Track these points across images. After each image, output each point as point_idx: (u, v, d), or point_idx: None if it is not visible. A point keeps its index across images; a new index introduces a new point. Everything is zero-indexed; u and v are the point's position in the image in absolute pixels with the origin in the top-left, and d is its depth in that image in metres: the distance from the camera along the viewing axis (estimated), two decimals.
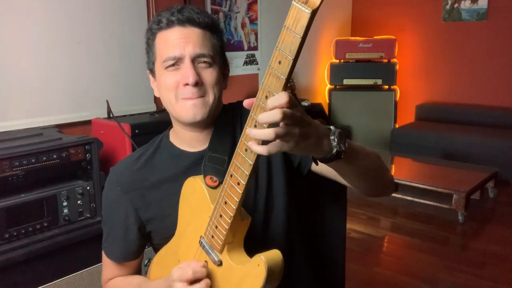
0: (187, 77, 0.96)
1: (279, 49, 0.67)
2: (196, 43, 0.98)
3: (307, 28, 0.64)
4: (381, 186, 1.02)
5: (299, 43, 0.65)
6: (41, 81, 2.41)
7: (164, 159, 1.09)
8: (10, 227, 1.67)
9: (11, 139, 1.88)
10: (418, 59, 4.92)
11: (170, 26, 0.99)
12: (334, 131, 0.78)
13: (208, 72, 0.99)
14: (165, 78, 1.00)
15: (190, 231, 0.97)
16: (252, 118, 0.73)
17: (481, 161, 3.86)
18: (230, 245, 0.88)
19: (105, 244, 1.16)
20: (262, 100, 0.70)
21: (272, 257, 0.83)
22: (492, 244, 2.92)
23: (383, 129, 4.66)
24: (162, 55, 0.99)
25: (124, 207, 1.09)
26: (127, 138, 2.03)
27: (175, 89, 0.99)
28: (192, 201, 0.97)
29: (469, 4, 4.53)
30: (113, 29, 2.69)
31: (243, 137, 0.76)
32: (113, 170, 1.13)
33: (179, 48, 0.97)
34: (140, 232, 1.11)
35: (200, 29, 0.99)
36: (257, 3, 4.01)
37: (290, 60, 0.66)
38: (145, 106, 2.80)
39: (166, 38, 0.99)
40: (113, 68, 2.69)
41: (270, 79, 0.69)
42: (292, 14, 0.65)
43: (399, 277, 2.54)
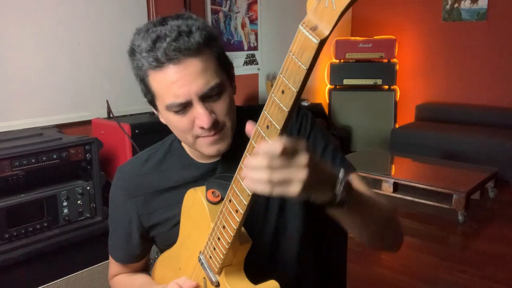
0: (202, 121, 0.86)
1: (282, 76, 0.59)
2: (199, 79, 0.84)
3: (314, 59, 0.56)
4: (385, 244, 0.96)
5: (304, 75, 0.57)
6: (41, 81, 2.41)
7: (173, 167, 1.04)
8: (10, 227, 1.67)
9: (11, 139, 1.88)
10: (418, 59, 4.92)
11: (162, 67, 0.84)
12: (341, 179, 0.71)
13: (220, 104, 0.89)
14: (174, 120, 0.90)
15: (190, 243, 0.94)
16: (251, 145, 0.66)
17: (481, 161, 3.86)
18: (228, 268, 0.84)
19: (109, 242, 1.15)
20: (263, 129, 0.63)
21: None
22: (492, 244, 2.92)
23: (383, 129, 4.66)
24: (164, 100, 0.88)
25: (127, 212, 1.06)
26: (127, 138, 2.03)
27: (190, 131, 0.90)
28: (192, 214, 0.93)
29: (469, 4, 4.53)
30: (113, 29, 2.69)
31: (242, 163, 0.69)
32: (119, 171, 1.09)
33: (182, 92, 0.84)
34: (143, 238, 1.09)
35: (197, 57, 0.84)
36: (257, 3, 4.01)
37: (294, 93, 0.58)
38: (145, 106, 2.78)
39: (162, 81, 0.86)
40: (113, 68, 2.69)
41: (272, 108, 0.62)
42: (298, 40, 0.57)
43: (399, 277, 2.54)
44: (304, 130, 0.99)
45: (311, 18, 0.57)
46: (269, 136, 0.63)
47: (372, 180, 3.58)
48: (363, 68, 4.74)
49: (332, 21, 0.55)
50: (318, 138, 1.00)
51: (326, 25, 0.55)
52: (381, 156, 4.28)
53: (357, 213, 0.79)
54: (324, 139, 1.00)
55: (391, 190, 3.47)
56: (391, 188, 3.47)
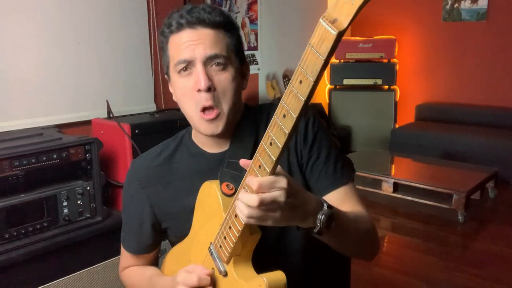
0: (199, 82, 0.93)
1: (301, 67, 0.64)
2: (207, 45, 0.94)
3: (331, 50, 0.60)
4: (360, 256, 1.04)
5: (321, 65, 0.61)
6: (41, 81, 2.41)
7: (183, 158, 1.09)
8: (10, 227, 1.67)
9: (11, 139, 1.88)
10: (418, 59, 4.92)
11: (180, 29, 0.96)
12: (324, 211, 0.79)
13: (222, 76, 0.96)
14: (179, 82, 0.98)
15: (202, 234, 0.97)
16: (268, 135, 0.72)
17: (481, 161, 3.86)
18: (237, 258, 0.87)
19: (122, 234, 1.19)
20: (280, 118, 0.68)
21: (275, 279, 0.80)
22: (492, 244, 2.92)
23: (383, 129, 4.66)
24: (174, 59, 0.97)
25: (140, 202, 1.11)
26: (127, 138, 2.03)
27: (192, 95, 0.96)
28: (206, 205, 0.96)
29: (469, 4, 4.53)
30: (113, 29, 2.69)
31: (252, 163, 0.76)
32: (134, 163, 1.15)
33: (189, 51, 0.94)
34: (155, 228, 1.13)
35: (212, 29, 0.95)
36: (257, 3, 4.01)
37: (311, 82, 0.63)
38: (145, 106, 2.80)
39: (177, 42, 0.96)
40: (113, 68, 2.69)
41: (289, 98, 0.66)
42: (318, 33, 0.61)
43: (399, 277, 2.54)
44: (311, 128, 1.03)
45: (331, 12, 0.61)
46: (285, 125, 0.67)
47: (372, 180, 3.58)
48: (363, 68, 4.75)
49: (351, 14, 0.58)
50: (324, 141, 1.04)
51: (345, 18, 0.59)
52: (381, 156, 4.28)
53: (336, 238, 0.87)
54: (329, 143, 1.05)
55: (391, 190, 3.47)
56: (391, 188, 3.47)
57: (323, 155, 1.02)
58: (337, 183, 1.01)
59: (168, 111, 2.42)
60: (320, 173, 1.02)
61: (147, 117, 2.32)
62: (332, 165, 1.02)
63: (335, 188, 1.01)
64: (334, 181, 1.01)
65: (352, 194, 1.03)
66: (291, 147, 1.02)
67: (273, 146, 0.70)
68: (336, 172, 1.02)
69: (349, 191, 1.02)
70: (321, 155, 1.02)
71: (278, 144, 0.69)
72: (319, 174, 1.02)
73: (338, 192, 1.01)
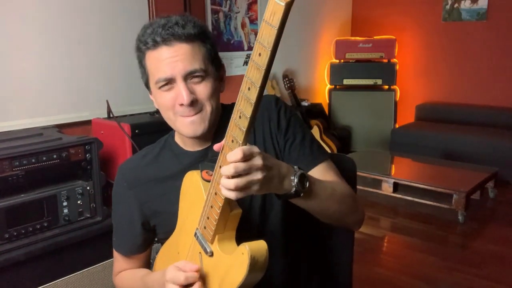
0: (182, 98, 0.98)
1: (259, 42, 0.71)
2: (185, 60, 0.98)
3: (282, 20, 0.67)
4: (342, 224, 1.08)
5: (275, 35, 0.68)
6: (41, 81, 2.41)
7: (167, 158, 1.14)
8: (10, 227, 1.67)
9: (11, 139, 1.88)
10: (418, 59, 4.92)
11: (156, 47, 0.99)
12: (295, 171, 0.85)
13: (202, 86, 1.00)
14: (160, 97, 1.02)
15: (188, 224, 1.00)
16: (236, 111, 0.77)
17: (481, 161, 3.86)
18: (221, 236, 0.91)
19: (114, 238, 1.23)
20: (245, 91, 0.75)
21: (257, 246, 0.84)
22: (492, 244, 2.92)
23: (383, 129, 4.66)
24: (154, 76, 1.01)
25: (129, 203, 1.15)
26: (127, 138, 2.03)
27: (172, 108, 1.01)
28: (190, 195, 1.00)
29: (469, 4, 4.53)
30: (113, 29, 2.69)
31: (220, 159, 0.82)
32: (121, 167, 1.18)
33: (169, 69, 0.98)
34: (145, 227, 1.16)
35: (187, 44, 0.98)
36: (257, 3, 4.01)
37: (268, 52, 0.69)
38: (145, 106, 2.80)
39: (155, 59, 1.00)
40: (113, 68, 2.69)
41: (252, 71, 0.73)
42: (269, 8, 0.68)
43: (399, 277, 2.54)
44: (284, 116, 1.09)
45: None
46: (250, 96, 0.74)
47: (372, 180, 3.58)
48: (363, 68, 4.74)
49: None
50: (297, 126, 1.10)
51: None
52: (381, 156, 4.28)
53: (314, 201, 0.91)
54: (302, 128, 1.11)
55: (391, 190, 3.47)
56: (391, 188, 3.47)
57: (298, 138, 1.08)
58: (315, 161, 1.06)
59: None
60: (298, 154, 1.07)
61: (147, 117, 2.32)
62: (308, 146, 1.08)
63: (314, 165, 1.06)
64: (312, 160, 1.06)
65: (330, 169, 1.08)
66: (266, 135, 1.08)
67: (242, 119, 0.76)
68: (313, 152, 1.07)
69: (327, 167, 1.08)
70: (297, 138, 1.08)
71: (246, 115, 0.75)
72: (297, 155, 1.07)
73: (317, 169, 1.06)
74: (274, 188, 0.83)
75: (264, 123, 1.08)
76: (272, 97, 1.11)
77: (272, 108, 1.09)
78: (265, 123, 1.08)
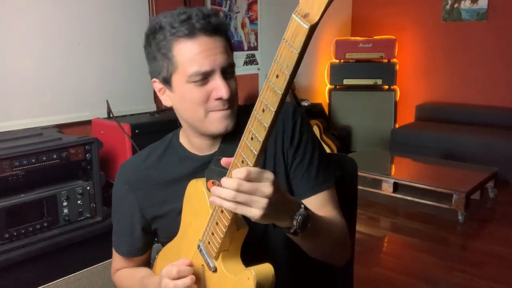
0: (221, 91, 0.92)
1: (277, 62, 0.65)
2: (225, 53, 0.93)
3: (305, 43, 0.61)
4: (331, 260, 1.03)
5: (296, 59, 0.63)
6: (41, 81, 2.41)
7: (172, 161, 1.08)
8: (10, 227, 1.67)
9: (11, 139, 1.88)
10: (418, 59, 4.92)
11: (193, 35, 0.90)
12: (301, 213, 0.81)
13: (233, 81, 0.97)
14: (191, 92, 0.94)
15: (191, 232, 0.97)
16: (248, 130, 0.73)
17: (481, 161, 3.86)
18: (225, 253, 0.88)
19: (113, 237, 1.19)
20: (259, 113, 0.69)
21: (263, 271, 0.81)
22: (492, 244, 2.92)
23: (383, 129, 4.66)
24: (187, 68, 0.92)
25: (129, 206, 1.11)
26: (127, 138, 2.03)
27: (205, 103, 0.94)
28: (193, 203, 0.97)
29: (469, 4, 4.53)
30: (113, 29, 2.69)
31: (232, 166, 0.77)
32: (122, 167, 1.14)
33: (209, 62, 0.91)
34: (145, 230, 1.12)
35: (222, 36, 0.94)
36: (257, 3, 4.01)
37: (287, 76, 0.64)
38: (145, 106, 2.80)
39: (191, 48, 0.91)
40: (113, 68, 2.69)
41: (267, 93, 0.68)
42: (291, 27, 0.62)
43: (399, 277, 2.54)
44: (298, 131, 1.04)
45: (303, 7, 0.61)
46: (264, 120, 0.68)
47: (372, 180, 3.58)
48: (363, 68, 4.74)
49: (321, 8, 0.60)
50: (309, 143, 1.04)
51: (316, 12, 0.60)
52: (381, 156, 4.28)
53: (310, 239, 0.88)
54: (313, 145, 1.05)
55: (391, 190, 3.47)
56: (391, 188, 3.47)
57: (307, 158, 1.03)
58: (317, 189, 1.02)
59: (168, 111, 2.42)
60: (303, 176, 1.03)
61: (147, 117, 2.32)
62: (314, 169, 1.03)
63: (315, 193, 1.02)
64: (315, 186, 1.02)
65: (330, 201, 1.04)
66: (278, 147, 1.03)
67: (254, 141, 0.71)
68: (317, 177, 1.03)
69: (328, 197, 1.03)
70: (305, 157, 1.03)
71: (259, 138, 0.70)
72: (301, 177, 1.03)
73: (317, 198, 1.02)
74: (275, 220, 0.80)
75: (277, 134, 1.03)
76: (291, 106, 1.04)
77: (289, 119, 1.03)
78: (278, 134, 1.03)
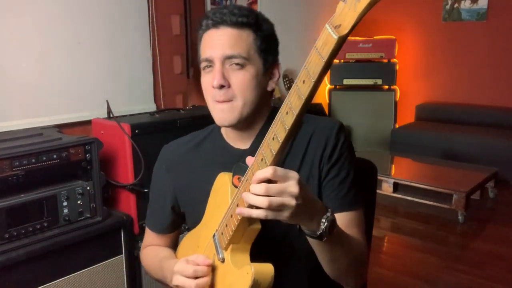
0: (213, 79, 0.99)
1: (306, 68, 0.68)
2: (226, 45, 0.99)
3: (332, 53, 0.64)
4: (345, 281, 1.02)
5: (322, 66, 0.65)
6: (41, 81, 2.41)
7: (208, 148, 1.15)
8: (10, 227, 1.67)
9: (11, 139, 1.87)
10: (418, 59, 4.92)
11: (207, 29, 1.03)
12: (328, 216, 0.82)
13: (239, 74, 1.00)
14: (202, 78, 1.05)
15: (212, 223, 1.01)
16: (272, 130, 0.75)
17: (481, 161, 3.86)
18: (235, 246, 0.91)
19: (147, 212, 1.27)
20: (283, 115, 0.73)
21: (263, 270, 0.83)
22: (492, 244, 2.92)
23: (383, 129, 4.66)
24: (201, 56, 1.05)
25: (164, 184, 1.19)
26: (127, 138, 2.02)
27: (209, 91, 1.03)
28: (218, 195, 1.01)
29: (469, 4, 4.53)
30: (113, 29, 2.69)
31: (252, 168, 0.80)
32: (164, 148, 1.23)
33: (210, 50, 1.00)
34: (174, 210, 1.20)
35: (234, 29, 1.00)
36: (257, 3, 4.01)
37: (312, 82, 0.67)
38: (145, 106, 2.80)
39: (204, 40, 1.04)
40: (113, 68, 2.69)
41: (293, 96, 0.71)
42: (322, 36, 0.65)
43: (399, 277, 2.54)
44: (339, 149, 1.05)
45: (337, 18, 0.64)
46: (286, 121, 0.72)
47: None
48: (363, 68, 4.75)
49: (352, 21, 0.62)
50: (346, 164, 1.06)
51: (347, 25, 0.63)
52: (381, 156, 4.28)
53: (331, 249, 0.89)
54: (350, 167, 1.06)
55: (391, 190, 3.47)
56: (391, 188, 3.47)
57: (340, 176, 1.04)
58: (344, 207, 1.03)
59: (168, 111, 2.42)
60: (332, 192, 1.04)
61: (147, 117, 2.32)
62: (345, 188, 1.04)
63: (342, 211, 1.02)
64: (342, 204, 1.03)
65: (356, 223, 1.04)
66: (315, 160, 1.04)
67: (274, 141, 0.74)
68: (347, 196, 1.04)
69: (354, 219, 1.04)
70: (339, 175, 1.04)
71: (279, 139, 0.73)
72: (330, 192, 1.04)
73: (344, 216, 1.02)
74: (303, 221, 0.81)
75: (318, 148, 1.05)
76: (337, 124, 1.07)
77: (332, 136, 1.05)
78: (319, 148, 1.05)
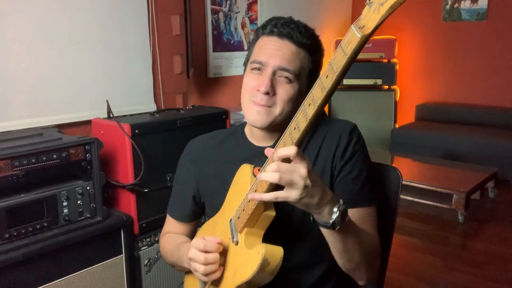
0: (261, 85, 1.04)
1: (330, 64, 0.75)
2: (284, 57, 1.05)
3: (355, 50, 0.70)
4: (357, 274, 1.03)
5: (345, 62, 0.71)
6: (41, 81, 2.41)
7: (231, 144, 1.22)
8: (10, 227, 1.67)
9: (11, 139, 1.88)
10: (418, 59, 4.92)
11: (270, 34, 1.08)
12: (339, 204, 0.86)
13: (286, 87, 1.05)
14: (247, 77, 1.11)
15: (229, 210, 1.07)
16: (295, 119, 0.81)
17: (481, 161, 3.86)
18: (249, 230, 0.97)
19: (170, 200, 1.35)
20: (306, 106, 0.79)
21: (274, 251, 0.89)
22: (492, 244, 2.92)
23: (383, 129, 4.66)
24: (253, 56, 1.10)
25: (187, 174, 1.26)
26: (127, 138, 2.02)
27: (251, 91, 1.08)
28: (238, 185, 1.06)
29: (469, 4, 4.53)
30: (113, 29, 2.69)
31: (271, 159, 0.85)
32: (190, 142, 1.30)
33: (267, 56, 1.05)
34: (195, 199, 1.27)
35: (295, 46, 1.06)
36: (257, 3, 4.01)
37: (334, 76, 0.73)
38: (145, 106, 2.80)
39: (263, 43, 1.09)
40: (113, 68, 2.69)
41: (316, 90, 0.77)
42: (347, 35, 0.71)
43: (399, 277, 2.54)
44: (352, 147, 1.10)
45: (362, 20, 0.70)
46: (308, 112, 0.78)
47: None
48: (363, 68, 4.74)
49: (374, 23, 0.67)
50: (359, 162, 1.10)
51: (371, 25, 0.68)
52: (381, 156, 4.28)
53: (343, 238, 0.92)
54: (363, 165, 1.10)
55: None
56: None
57: (353, 174, 1.08)
58: (356, 202, 1.05)
59: (168, 111, 2.42)
60: (345, 188, 1.07)
61: (147, 117, 2.32)
62: (358, 185, 1.08)
63: (354, 206, 1.04)
64: (356, 200, 1.06)
65: (368, 219, 1.07)
66: (328, 158, 1.09)
67: (295, 130, 0.81)
68: (361, 193, 1.07)
69: (367, 215, 1.07)
70: (352, 173, 1.08)
71: (299, 128, 0.79)
72: (343, 188, 1.07)
73: (356, 212, 1.04)
74: (312, 208, 0.84)
75: (332, 146, 1.10)
76: (351, 125, 1.14)
77: (346, 135, 1.11)
78: (332, 147, 1.10)
